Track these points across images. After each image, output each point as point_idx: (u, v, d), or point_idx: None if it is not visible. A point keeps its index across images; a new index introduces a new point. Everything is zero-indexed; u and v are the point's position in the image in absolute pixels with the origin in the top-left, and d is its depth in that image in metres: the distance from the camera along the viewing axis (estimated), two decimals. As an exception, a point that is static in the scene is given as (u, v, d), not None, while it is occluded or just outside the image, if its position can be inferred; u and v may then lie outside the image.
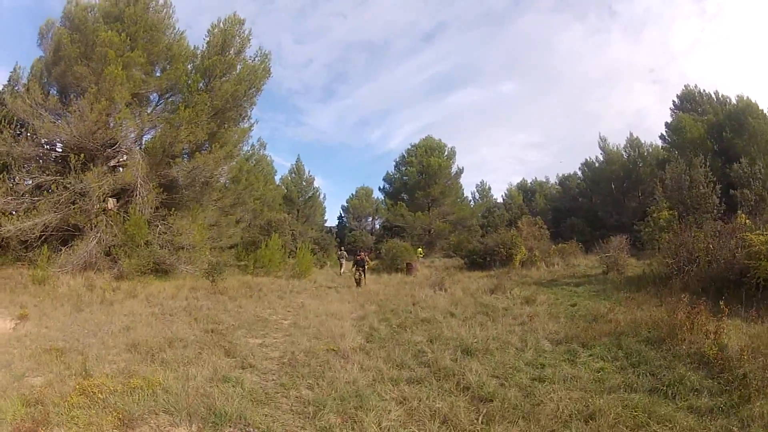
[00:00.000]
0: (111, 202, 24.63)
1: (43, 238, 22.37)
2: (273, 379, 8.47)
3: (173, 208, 25.13)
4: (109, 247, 23.16)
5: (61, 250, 22.39)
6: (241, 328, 13.02)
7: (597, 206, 54.41)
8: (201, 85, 25.64)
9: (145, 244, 23.15)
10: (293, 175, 63.91)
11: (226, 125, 27.43)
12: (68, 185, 22.66)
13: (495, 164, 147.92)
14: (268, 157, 52.48)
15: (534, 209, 64.00)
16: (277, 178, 59.70)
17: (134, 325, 12.35)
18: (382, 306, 17.34)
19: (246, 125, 29.65)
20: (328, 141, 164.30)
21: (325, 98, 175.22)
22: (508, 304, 16.97)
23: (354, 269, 25.52)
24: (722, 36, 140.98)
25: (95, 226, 23.08)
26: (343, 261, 37.31)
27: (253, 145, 36.59)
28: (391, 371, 8.69)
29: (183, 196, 27.03)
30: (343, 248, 44.72)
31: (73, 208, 22.60)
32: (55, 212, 22.42)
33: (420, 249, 45.76)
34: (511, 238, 31.95)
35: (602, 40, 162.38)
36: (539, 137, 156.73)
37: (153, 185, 24.53)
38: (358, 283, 24.48)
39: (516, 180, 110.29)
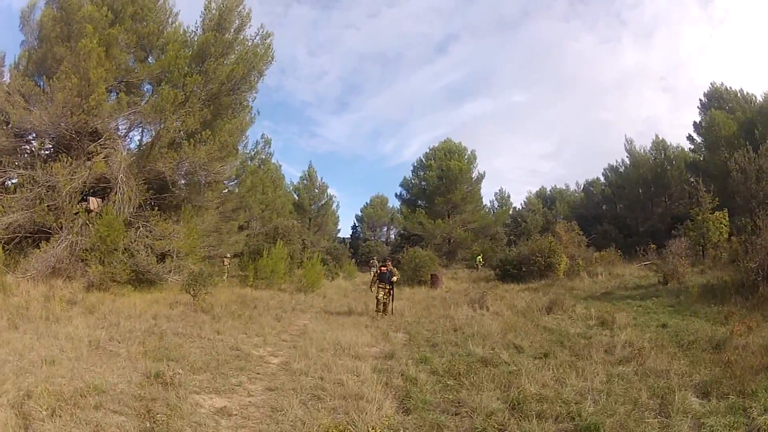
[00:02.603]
0: (94, 202, 20.45)
1: (15, 241, 18.74)
2: None
3: (156, 209, 20.95)
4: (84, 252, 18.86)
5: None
6: (204, 371, 8.35)
7: (623, 212, 50.72)
8: (193, 66, 21.35)
9: (124, 249, 18.83)
10: (305, 181, 59.70)
11: (222, 114, 23.22)
12: (38, 179, 18.70)
13: (508, 174, 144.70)
14: (276, 162, 47.97)
15: (556, 217, 59.76)
16: (290, 187, 56.66)
17: (59, 357, 8.37)
18: (412, 334, 12.79)
19: (247, 118, 25.33)
20: (342, 152, 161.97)
21: (338, 110, 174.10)
22: (581, 328, 13.13)
23: (375, 287, 17.41)
24: (730, 40, 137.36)
25: (64, 227, 18.80)
26: (374, 269, 33.17)
27: (257, 142, 32.17)
28: None
29: (174, 196, 22.67)
30: (375, 258, 42.25)
31: (40, 206, 18.49)
32: (23, 210, 18.48)
33: (479, 257, 41.13)
34: (549, 245, 27.45)
35: (612, 48, 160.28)
36: (552, 147, 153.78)
37: (136, 182, 20.33)
38: (382, 308, 16.81)
39: (529, 190, 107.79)
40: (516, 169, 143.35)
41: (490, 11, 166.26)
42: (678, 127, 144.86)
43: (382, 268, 17.81)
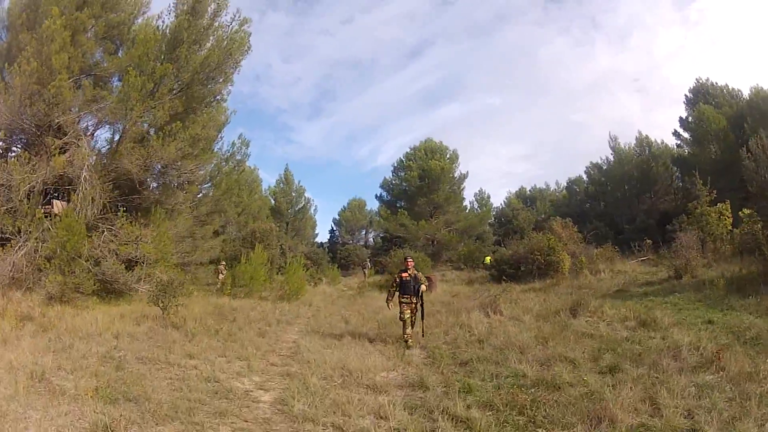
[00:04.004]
0: (58, 205, 18.49)
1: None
2: None
3: (123, 211, 18.48)
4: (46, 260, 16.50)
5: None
6: (172, 418, 6.02)
7: (608, 209, 49.04)
8: (165, 54, 19.31)
9: (88, 256, 16.51)
10: (282, 185, 57.51)
11: (195, 108, 21.05)
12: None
13: (483, 176, 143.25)
14: (253, 167, 47.02)
15: (538, 216, 58.38)
16: (266, 191, 55.15)
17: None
18: (431, 349, 10.55)
19: (222, 117, 23.71)
20: (317, 158, 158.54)
21: (313, 115, 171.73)
22: (624, 332, 11.22)
23: (395, 301, 12.16)
24: (705, 42, 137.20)
25: (22, 232, 16.50)
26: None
27: (233, 143, 29.84)
28: None
29: (143, 197, 20.50)
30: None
31: None
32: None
33: (488, 257, 38.20)
34: (548, 242, 25.36)
35: (586, 52, 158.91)
36: (526, 149, 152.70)
37: (102, 181, 18.10)
38: (409, 328, 11.66)
39: (504, 192, 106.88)
40: (490, 170, 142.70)
41: (464, 17, 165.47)
42: (653, 127, 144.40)
43: (403, 275, 12.24)
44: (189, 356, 9.32)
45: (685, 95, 46.45)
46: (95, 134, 20.69)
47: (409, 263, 12.61)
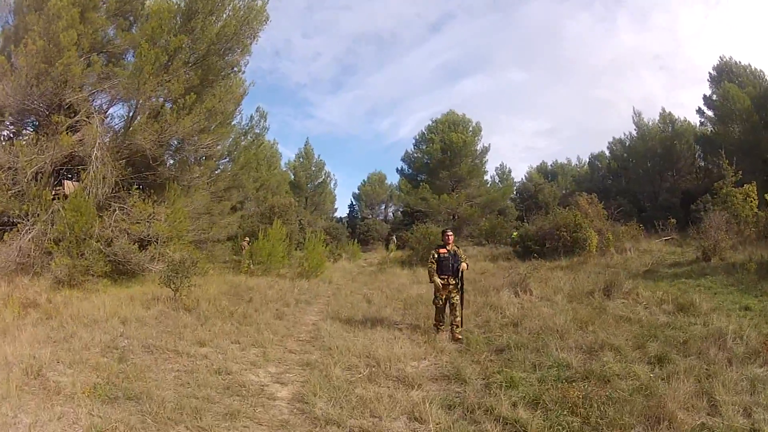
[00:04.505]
0: (69, 186, 17.78)
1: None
2: None
3: (136, 188, 18.07)
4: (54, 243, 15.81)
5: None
6: (177, 421, 5.37)
7: (631, 186, 48.21)
8: (179, 25, 18.60)
9: (98, 237, 15.86)
10: (301, 159, 57.03)
11: (212, 81, 20.32)
12: (1, 161, 15.94)
13: (503, 151, 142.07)
14: (272, 141, 47.28)
15: (561, 192, 57.92)
16: (286, 166, 54.98)
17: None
18: (462, 333, 9.67)
19: (240, 90, 22.87)
20: (338, 132, 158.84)
21: (333, 90, 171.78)
22: (662, 316, 10.67)
23: (441, 286, 10.09)
24: (726, 22, 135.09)
25: (29, 215, 15.77)
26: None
27: (251, 116, 29.15)
28: None
29: (157, 174, 19.78)
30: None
31: (2, 192, 15.59)
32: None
33: (515, 233, 36.68)
34: (574, 218, 24.49)
35: (608, 28, 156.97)
36: (547, 125, 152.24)
37: (114, 159, 17.44)
38: (452, 320, 9.88)
39: (524, 167, 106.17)
40: (511, 146, 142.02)
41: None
42: (675, 106, 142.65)
43: (441, 251, 10.37)
44: (200, 343, 8.67)
45: (709, 73, 45.25)
46: (109, 112, 20.16)
47: (449, 237, 10.61)
